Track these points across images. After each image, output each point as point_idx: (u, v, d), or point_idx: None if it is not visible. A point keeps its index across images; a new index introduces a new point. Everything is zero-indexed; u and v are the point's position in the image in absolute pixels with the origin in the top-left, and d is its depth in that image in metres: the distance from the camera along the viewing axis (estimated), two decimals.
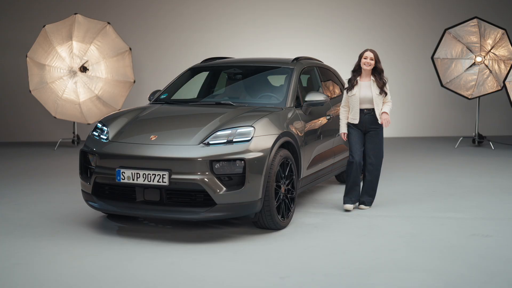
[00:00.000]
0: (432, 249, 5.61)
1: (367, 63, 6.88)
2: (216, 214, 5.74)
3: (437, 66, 12.69)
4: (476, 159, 11.14)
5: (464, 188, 8.48)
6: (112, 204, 6.04)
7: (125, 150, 5.99)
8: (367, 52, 6.94)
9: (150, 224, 6.50)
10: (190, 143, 5.88)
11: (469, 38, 12.55)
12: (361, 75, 6.95)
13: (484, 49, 12.40)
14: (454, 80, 12.68)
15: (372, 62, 6.88)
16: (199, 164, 5.70)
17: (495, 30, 12.38)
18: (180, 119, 6.67)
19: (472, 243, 5.79)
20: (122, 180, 5.83)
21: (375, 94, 6.84)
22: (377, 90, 6.87)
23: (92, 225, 6.43)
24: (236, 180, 5.78)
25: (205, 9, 14.25)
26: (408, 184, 8.77)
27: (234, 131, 5.94)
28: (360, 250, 5.57)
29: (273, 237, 6.02)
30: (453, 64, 12.69)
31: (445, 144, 13.17)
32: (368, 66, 6.88)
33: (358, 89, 6.90)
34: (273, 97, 7.21)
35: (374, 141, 6.96)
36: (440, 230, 6.28)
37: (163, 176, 5.70)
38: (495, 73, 12.39)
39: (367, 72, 6.93)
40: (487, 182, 8.87)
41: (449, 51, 12.66)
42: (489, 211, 7.15)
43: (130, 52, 12.77)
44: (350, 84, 6.96)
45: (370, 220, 6.64)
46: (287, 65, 7.50)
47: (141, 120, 6.52)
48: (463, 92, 12.66)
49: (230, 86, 7.75)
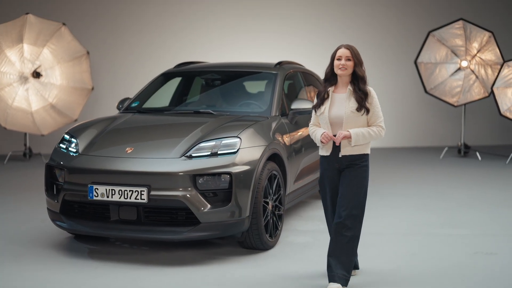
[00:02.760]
0: (436, 268, 5.63)
1: (342, 67, 5.08)
2: (200, 233, 5.67)
3: (421, 71, 12.80)
4: (463, 171, 11.26)
5: (456, 201, 8.55)
6: (83, 224, 5.93)
7: (98, 164, 5.88)
8: (341, 49, 5.12)
9: (124, 246, 6.38)
10: (170, 155, 5.81)
11: (454, 41, 12.70)
12: (336, 85, 5.20)
13: (470, 53, 12.57)
14: (438, 86, 12.81)
15: (350, 64, 5.07)
16: (181, 179, 5.63)
17: (482, 32, 12.54)
18: (157, 130, 6.58)
19: (477, 262, 5.83)
20: (95, 197, 5.73)
21: (349, 110, 5.04)
22: (352, 104, 5.07)
23: (59, 247, 6.28)
24: (221, 196, 5.72)
25: (170, 9, 14.16)
26: (397, 198, 8.80)
27: (218, 143, 5.88)
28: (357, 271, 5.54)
29: (262, 258, 5.96)
30: (437, 69, 12.83)
31: (429, 155, 13.29)
32: (343, 71, 5.07)
33: (329, 104, 5.13)
34: (256, 105, 7.17)
35: (351, 182, 5.06)
36: (441, 248, 6.31)
37: (142, 192, 5.61)
38: (482, 78, 12.55)
39: (344, 80, 5.14)
40: (479, 195, 8.96)
41: (433, 55, 12.79)
42: (488, 226, 7.21)
43: (88, 56, 12.61)
44: (318, 99, 5.22)
45: (363, 239, 6.59)
46: (270, 70, 7.47)
47: (113, 130, 6.41)
48: (448, 99, 12.80)
49: (208, 93, 7.70)
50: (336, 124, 5.07)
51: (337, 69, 5.09)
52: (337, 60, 5.10)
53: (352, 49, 5.12)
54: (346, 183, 5.06)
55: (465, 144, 13.12)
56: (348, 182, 5.06)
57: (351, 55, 5.09)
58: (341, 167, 5.12)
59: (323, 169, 5.23)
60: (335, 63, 5.11)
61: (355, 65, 5.10)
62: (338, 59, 5.09)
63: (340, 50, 5.14)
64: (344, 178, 5.09)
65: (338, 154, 5.08)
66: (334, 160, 5.11)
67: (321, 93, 5.22)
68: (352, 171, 5.07)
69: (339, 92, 5.15)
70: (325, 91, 5.18)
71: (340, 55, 5.09)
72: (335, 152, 5.10)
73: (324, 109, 5.13)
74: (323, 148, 5.17)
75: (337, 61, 5.10)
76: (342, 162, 5.09)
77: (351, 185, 5.05)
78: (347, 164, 5.08)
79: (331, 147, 5.12)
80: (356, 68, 5.10)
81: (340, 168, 5.12)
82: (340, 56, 5.09)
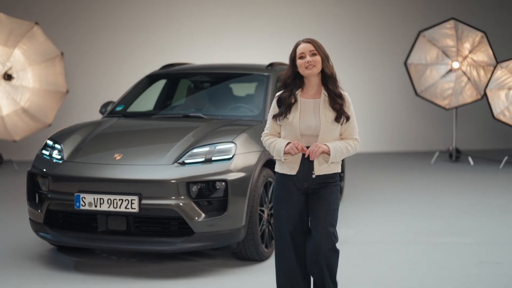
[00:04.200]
0: (441, 279, 5.64)
1: (309, 64, 4.41)
2: (194, 244, 5.63)
3: (411, 73, 12.85)
4: (456, 176, 11.30)
5: (453, 208, 8.57)
6: (68, 235, 5.85)
7: (85, 171, 5.81)
8: (301, 45, 4.48)
9: (111, 258, 6.30)
10: (162, 162, 5.76)
11: (444, 42, 12.76)
12: (302, 88, 4.53)
13: (461, 54, 12.63)
14: (429, 88, 12.87)
15: (317, 59, 4.42)
16: (174, 187, 5.58)
17: (474, 32, 12.62)
18: (146, 135, 6.52)
19: (483, 272, 5.84)
20: (82, 207, 5.65)
21: (327, 121, 4.42)
22: (329, 113, 4.43)
23: (42, 260, 6.19)
24: (216, 205, 5.68)
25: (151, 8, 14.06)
26: (390, 205, 8.80)
27: (212, 148, 5.84)
28: (360, 283, 5.53)
29: (258, 269, 5.92)
30: (427, 71, 12.88)
31: (420, 160, 13.34)
32: (311, 69, 4.41)
33: (298, 112, 4.46)
34: (249, 108, 7.15)
35: (324, 206, 4.46)
36: (444, 257, 6.32)
37: (132, 201, 5.55)
38: (474, 80, 12.62)
39: (313, 81, 4.49)
40: (475, 202, 9.00)
41: (424, 55, 12.85)
42: (489, 234, 7.24)
43: (62, 57, 12.48)
44: (283, 105, 4.49)
45: (362, 248, 6.62)
46: (262, 72, 7.44)
47: (100, 136, 6.34)
48: (440, 101, 12.86)
49: (197, 96, 7.66)
50: (308, 137, 4.41)
51: (303, 69, 4.41)
52: (300, 59, 4.42)
53: (314, 42, 4.47)
54: (320, 205, 4.45)
55: (456, 149, 13.19)
56: (322, 204, 4.44)
57: (315, 48, 4.43)
58: (309, 189, 4.47)
59: (282, 192, 4.50)
60: (299, 63, 4.43)
61: (323, 61, 4.44)
62: (301, 57, 4.42)
63: (300, 46, 4.47)
64: (316, 201, 4.46)
65: (309, 173, 4.42)
66: (301, 179, 4.45)
67: (285, 98, 4.48)
68: (324, 192, 4.45)
69: (308, 97, 4.49)
70: (292, 94, 4.48)
71: (303, 52, 4.43)
72: (305, 171, 4.42)
73: (292, 117, 4.44)
74: (286, 164, 4.46)
75: (300, 60, 4.42)
76: (312, 182, 4.45)
77: (327, 207, 4.44)
78: (319, 184, 4.45)
79: (298, 164, 4.42)
80: (324, 65, 4.44)
81: (308, 191, 4.47)
82: (302, 53, 4.43)
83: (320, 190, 4.45)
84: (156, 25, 14.10)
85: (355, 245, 6.73)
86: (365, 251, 6.52)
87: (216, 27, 14.18)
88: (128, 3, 14.09)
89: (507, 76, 12.11)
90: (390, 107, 14.85)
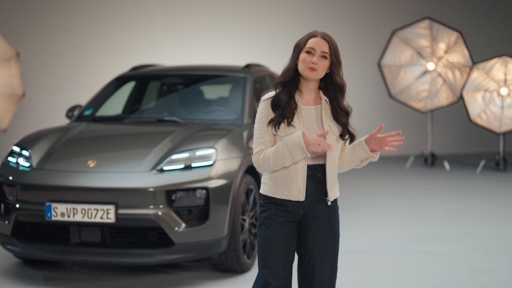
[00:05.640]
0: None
1: (312, 66, 3.65)
2: (174, 256, 5.58)
3: (385, 74, 12.92)
4: (434, 182, 11.39)
5: (435, 215, 8.63)
6: (38, 248, 5.75)
7: (57, 179, 5.72)
8: (315, 38, 3.70)
9: (83, 271, 6.20)
10: (139, 169, 5.69)
11: (419, 42, 12.86)
12: (301, 91, 3.75)
13: (436, 54, 12.75)
14: (404, 91, 12.95)
15: (325, 64, 3.67)
16: (152, 196, 5.52)
17: (449, 32, 12.74)
18: (120, 140, 6.45)
19: (475, 280, 5.89)
20: (54, 218, 5.55)
21: (333, 134, 3.69)
22: (334, 126, 3.72)
23: (9, 275, 6.06)
24: (197, 214, 5.65)
25: (114, 7, 13.92)
26: (371, 212, 8.83)
27: (192, 154, 5.80)
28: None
29: (240, 282, 5.89)
30: (402, 72, 12.97)
31: (395, 165, 13.42)
32: (312, 71, 3.65)
33: (300, 120, 3.67)
34: (225, 112, 7.11)
35: (325, 239, 3.75)
36: (434, 265, 6.36)
37: (108, 211, 5.47)
38: (450, 82, 12.74)
39: (310, 86, 3.75)
40: (456, 208, 9.07)
41: (398, 56, 12.93)
42: (476, 240, 7.31)
43: (18, 58, 12.28)
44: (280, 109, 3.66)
45: (348, 257, 6.61)
46: (238, 73, 7.42)
47: (70, 141, 6.25)
48: (415, 104, 12.95)
49: (169, 99, 7.60)
50: (312, 154, 3.62)
51: (304, 68, 3.65)
52: (306, 54, 3.66)
53: (331, 42, 3.70)
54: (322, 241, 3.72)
55: (432, 153, 13.29)
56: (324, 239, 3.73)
57: (330, 50, 3.67)
58: (304, 217, 3.70)
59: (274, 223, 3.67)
60: (302, 58, 3.66)
61: (333, 67, 3.69)
62: (308, 52, 3.66)
63: (314, 39, 3.69)
64: (314, 235, 3.71)
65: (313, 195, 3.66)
66: (300, 206, 3.67)
67: (282, 100, 3.65)
68: (322, 223, 3.71)
69: (307, 102, 3.74)
70: (291, 97, 3.67)
71: (313, 47, 3.66)
72: (311, 193, 3.66)
73: (296, 125, 3.65)
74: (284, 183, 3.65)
75: (306, 54, 3.65)
76: (313, 208, 3.69)
77: (331, 243, 3.76)
78: (319, 211, 3.70)
79: (304, 182, 3.63)
80: (335, 72, 3.70)
81: (303, 218, 3.71)
82: (312, 49, 3.66)
83: (322, 219, 3.71)
84: (119, 26, 13.96)
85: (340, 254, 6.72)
86: (350, 260, 6.51)
87: (183, 27, 14.10)
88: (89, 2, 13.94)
89: (484, 77, 12.26)
90: (363, 110, 14.89)
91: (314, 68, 3.63)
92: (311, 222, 3.69)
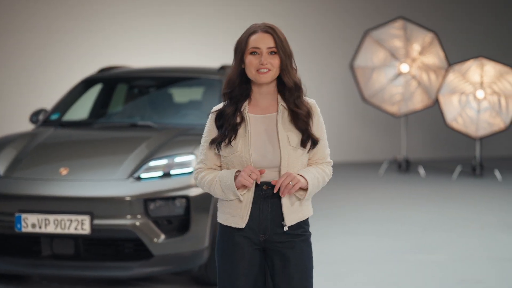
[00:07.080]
0: None
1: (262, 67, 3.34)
2: (153, 269, 5.55)
3: (357, 76, 12.95)
4: (410, 189, 11.47)
5: (415, 224, 8.68)
6: (5, 261, 5.68)
7: (27, 188, 5.64)
8: (257, 34, 3.37)
9: (53, 285, 6.11)
10: (115, 177, 5.65)
11: (392, 42, 12.93)
12: (249, 100, 3.44)
13: (410, 56, 12.82)
14: (377, 93, 13.00)
15: (275, 61, 3.35)
16: (130, 205, 5.47)
17: (423, 33, 12.82)
18: (93, 146, 6.39)
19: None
20: (24, 229, 5.47)
21: (290, 146, 3.37)
22: (292, 134, 3.39)
23: None
24: (176, 224, 5.61)
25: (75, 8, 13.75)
26: (349, 221, 8.86)
27: (171, 161, 5.76)
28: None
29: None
30: (374, 74, 13.01)
31: (368, 171, 13.48)
32: (264, 73, 3.35)
33: (246, 135, 3.38)
34: (199, 115, 7.06)
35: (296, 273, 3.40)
36: (422, 276, 6.40)
37: (83, 221, 5.41)
38: (425, 85, 12.82)
39: (265, 90, 3.44)
40: (435, 216, 9.13)
41: (370, 57, 12.96)
42: (461, 250, 7.38)
43: None
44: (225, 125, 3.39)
45: (333, 268, 6.62)
46: (213, 75, 7.39)
47: (40, 148, 6.16)
48: (388, 107, 13.01)
49: (140, 102, 7.53)
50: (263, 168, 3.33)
51: (254, 72, 3.34)
52: (252, 55, 3.35)
53: (276, 33, 3.36)
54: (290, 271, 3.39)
55: (406, 159, 13.36)
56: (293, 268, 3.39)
57: (276, 44, 3.34)
58: (266, 243, 3.40)
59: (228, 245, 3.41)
60: (248, 61, 3.35)
61: (282, 62, 3.36)
62: (253, 53, 3.35)
63: (255, 36, 3.36)
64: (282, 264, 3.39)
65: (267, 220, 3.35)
66: (256, 230, 3.38)
67: (229, 115, 3.38)
68: (294, 251, 3.39)
69: (258, 111, 3.42)
70: (237, 109, 3.39)
71: (257, 46, 3.34)
72: (261, 217, 3.36)
73: (238, 143, 3.36)
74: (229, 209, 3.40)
75: (252, 56, 3.35)
76: (272, 233, 3.38)
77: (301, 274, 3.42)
78: (285, 237, 3.39)
79: (248, 209, 3.34)
80: (284, 70, 3.37)
81: (265, 245, 3.40)
82: (256, 48, 3.34)
83: (286, 247, 3.38)
84: (83, 27, 13.80)
85: (323, 265, 6.73)
86: (335, 270, 6.52)
87: (151, 27, 14.01)
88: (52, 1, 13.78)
89: (460, 79, 12.36)
90: (334, 113, 14.92)
91: (264, 68, 3.33)
92: (274, 249, 3.39)
